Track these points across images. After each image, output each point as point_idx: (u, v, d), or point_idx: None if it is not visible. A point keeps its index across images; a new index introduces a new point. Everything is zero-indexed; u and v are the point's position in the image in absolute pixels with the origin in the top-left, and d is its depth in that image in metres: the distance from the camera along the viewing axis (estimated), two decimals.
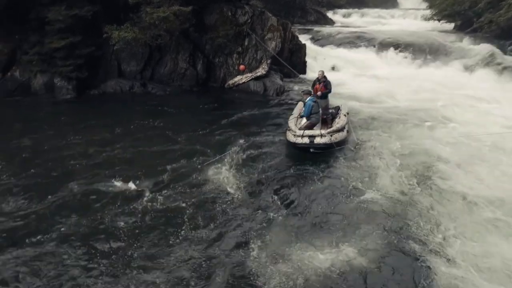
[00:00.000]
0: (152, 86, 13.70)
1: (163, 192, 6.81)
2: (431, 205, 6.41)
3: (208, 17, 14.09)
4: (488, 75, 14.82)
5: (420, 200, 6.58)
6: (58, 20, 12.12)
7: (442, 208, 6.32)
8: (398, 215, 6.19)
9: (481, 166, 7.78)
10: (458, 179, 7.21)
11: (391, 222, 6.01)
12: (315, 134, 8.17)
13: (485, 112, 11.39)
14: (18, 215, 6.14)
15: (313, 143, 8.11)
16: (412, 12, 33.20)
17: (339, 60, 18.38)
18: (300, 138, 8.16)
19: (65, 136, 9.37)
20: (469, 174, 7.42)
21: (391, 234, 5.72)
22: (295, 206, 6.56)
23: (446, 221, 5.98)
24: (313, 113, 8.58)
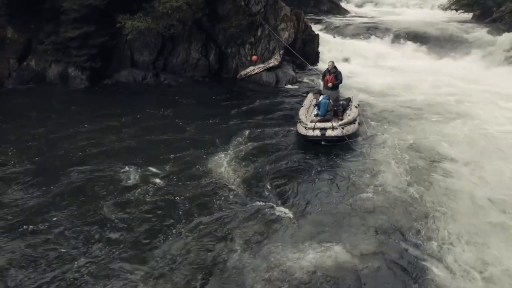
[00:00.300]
0: (164, 77, 13.73)
1: (168, 182, 6.90)
2: (434, 206, 6.21)
3: (221, 7, 13.96)
4: (509, 68, 14.39)
5: (423, 200, 6.38)
6: (73, 10, 12.18)
7: (445, 210, 6.10)
8: (398, 215, 6.01)
9: (491, 165, 7.52)
10: (465, 178, 7.02)
11: (390, 222, 5.84)
12: (326, 127, 8.10)
13: (502, 108, 10.97)
14: (17, 203, 6.27)
15: (324, 135, 8.04)
16: (429, 2, 32.27)
17: (353, 51, 18.04)
18: (311, 131, 8.09)
19: (77, 125, 9.57)
20: (477, 174, 7.19)
21: (388, 235, 5.57)
22: (298, 202, 6.41)
23: (447, 223, 5.79)
24: (328, 111, 8.59)
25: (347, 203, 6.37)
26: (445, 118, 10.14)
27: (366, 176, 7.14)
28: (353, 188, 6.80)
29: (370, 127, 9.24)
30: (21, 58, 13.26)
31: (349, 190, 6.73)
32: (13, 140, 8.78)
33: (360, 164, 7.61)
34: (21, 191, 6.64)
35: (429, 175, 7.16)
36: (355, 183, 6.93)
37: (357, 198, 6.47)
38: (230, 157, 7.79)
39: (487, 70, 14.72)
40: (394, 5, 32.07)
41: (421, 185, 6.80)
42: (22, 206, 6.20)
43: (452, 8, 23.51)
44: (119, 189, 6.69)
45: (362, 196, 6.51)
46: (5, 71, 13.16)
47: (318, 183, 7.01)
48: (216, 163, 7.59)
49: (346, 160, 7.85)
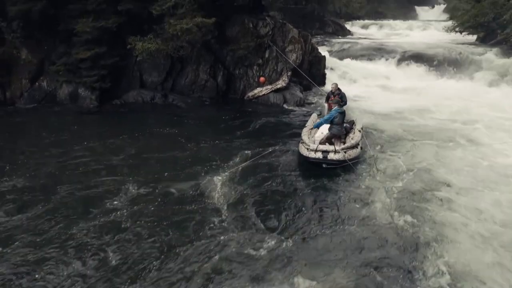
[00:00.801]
0: (172, 97, 13.86)
1: (160, 204, 6.83)
2: (427, 240, 5.81)
3: (230, 29, 14.23)
4: None
5: (415, 233, 5.99)
6: (86, 32, 12.48)
7: (437, 245, 5.69)
8: (389, 247, 5.68)
9: (490, 196, 7.13)
10: (463, 209, 6.59)
11: (381, 256, 5.49)
12: (329, 150, 7.96)
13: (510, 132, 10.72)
14: (19, 223, 6.26)
15: (326, 158, 7.87)
16: (432, 24, 32.79)
17: (359, 72, 18.20)
18: (313, 153, 7.94)
19: (84, 145, 9.68)
20: (475, 205, 6.78)
21: (376, 268, 5.24)
22: (289, 230, 6.15)
23: (438, 260, 5.39)
24: (334, 124, 8.40)
25: (340, 233, 6.01)
26: (449, 143, 9.77)
27: (361, 204, 6.76)
28: (347, 216, 6.45)
29: (372, 150, 8.94)
30: (33, 79, 13.52)
31: (343, 219, 6.40)
32: (23, 159, 8.84)
33: (358, 191, 7.34)
34: (19, 209, 6.69)
35: (426, 204, 6.78)
36: (351, 211, 6.66)
37: (351, 228, 6.12)
38: (228, 179, 7.68)
39: (495, 92, 14.65)
40: (398, 27, 32.54)
41: (416, 216, 6.36)
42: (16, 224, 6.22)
43: (456, 30, 23.74)
44: (107, 209, 6.63)
45: (355, 226, 6.17)
46: (17, 91, 13.39)
47: (313, 209, 6.74)
48: (213, 184, 7.47)
49: (344, 186, 7.55)
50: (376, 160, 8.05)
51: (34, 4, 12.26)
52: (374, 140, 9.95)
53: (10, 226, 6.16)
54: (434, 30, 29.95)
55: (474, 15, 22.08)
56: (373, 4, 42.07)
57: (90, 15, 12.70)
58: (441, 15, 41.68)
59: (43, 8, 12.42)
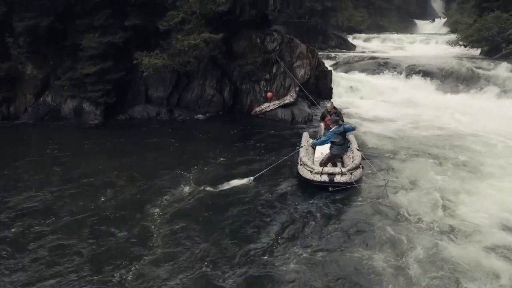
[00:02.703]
0: (178, 112, 13.67)
1: (171, 219, 6.65)
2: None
3: (237, 44, 14.13)
4: None
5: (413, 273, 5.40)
6: (92, 47, 12.36)
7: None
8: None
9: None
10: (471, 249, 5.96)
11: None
12: (335, 172, 7.59)
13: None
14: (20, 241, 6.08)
15: (333, 181, 7.48)
16: (434, 37, 32.89)
17: (365, 87, 18.09)
18: (318, 176, 7.53)
19: (87, 162, 9.47)
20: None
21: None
22: (285, 258, 5.69)
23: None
24: (335, 144, 8.04)
25: (322, 268, 5.55)
26: (449, 161, 9.40)
27: (363, 233, 6.35)
28: (345, 247, 6.00)
29: (373, 171, 8.47)
30: (38, 94, 13.35)
31: (341, 250, 5.95)
32: (25, 176, 8.60)
33: (360, 217, 6.86)
34: (20, 226, 6.47)
35: (431, 237, 6.20)
36: (350, 240, 6.19)
37: (347, 261, 5.68)
38: (232, 199, 7.45)
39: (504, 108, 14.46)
40: (401, 40, 32.64)
41: (416, 255, 5.76)
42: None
43: (460, 44, 23.76)
44: (110, 230, 6.42)
45: (353, 258, 5.72)
46: (21, 106, 13.21)
47: (312, 236, 6.29)
48: (215, 204, 7.27)
49: (353, 213, 7.07)
50: (387, 184, 7.50)
51: (41, 19, 12.17)
52: (377, 160, 9.51)
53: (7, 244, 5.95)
54: (436, 43, 30.03)
55: (478, 29, 22.13)
56: (374, 18, 42.48)
57: (97, 30, 12.61)
58: (441, 28, 41.96)
59: (50, 23, 12.33)
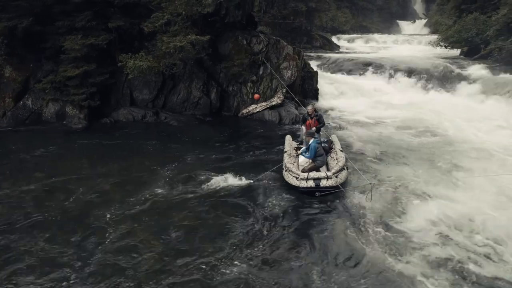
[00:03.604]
0: (165, 115, 13.46)
1: (155, 223, 6.58)
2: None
3: (223, 46, 14.04)
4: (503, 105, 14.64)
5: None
6: (74, 49, 12.04)
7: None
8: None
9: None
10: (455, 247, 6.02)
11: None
12: (321, 177, 7.49)
13: (497, 147, 10.49)
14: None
15: (319, 186, 7.39)
16: (416, 38, 33.60)
17: (349, 86, 18.29)
18: (304, 182, 7.45)
19: (72, 168, 9.17)
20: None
21: None
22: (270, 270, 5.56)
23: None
24: (318, 156, 8.01)
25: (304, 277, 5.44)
26: (438, 162, 9.44)
27: (348, 242, 6.21)
28: (342, 255, 5.89)
29: (358, 172, 8.42)
30: (17, 97, 12.91)
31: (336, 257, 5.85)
32: (5, 183, 8.30)
33: (345, 222, 6.74)
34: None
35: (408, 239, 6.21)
36: (336, 249, 6.04)
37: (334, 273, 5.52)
38: (219, 203, 7.38)
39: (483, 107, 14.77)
40: (384, 41, 33.19)
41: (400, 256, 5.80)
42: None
43: (441, 45, 24.34)
44: (94, 237, 6.29)
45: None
46: (0, 110, 12.73)
47: (296, 248, 6.06)
48: (202, 208, 7.18)
49: (340, 217, 6.98)
50: (372, 188, 7.41)
51: (19, 21, 11.80)
52: (362, 161, 9.53)
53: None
54: (417, 44, 30.66)
55: (457, 30, 22.74)
56: (357, 19, 43.09)
57: (78, 32, 12.30)
58: (423, 29, 42.94)
59: (29, 25, 11.96)
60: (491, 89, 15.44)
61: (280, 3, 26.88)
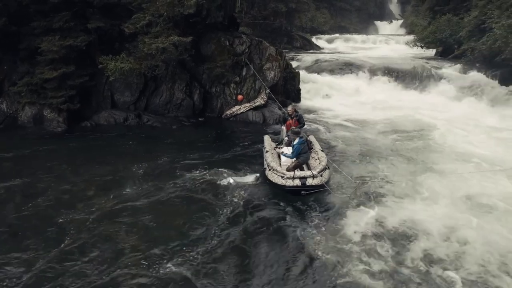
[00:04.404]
0: (147, 118, 13.27)
1: (139, 230, 6.52)
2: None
3: (205, 47, 13.96)
4: (477, 104, 15.27)
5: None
6: (52, 51, 11.69)
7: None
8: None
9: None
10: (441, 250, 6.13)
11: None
12: (306, 175, 7.52)
13: (473, 144, 10.95)
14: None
15: (305, 185, 7.41)
16: (393, 38, 34.44)
17: (330, 86, 18.54)
18: (290, 181, 7.45)
19: (50, 174, 8.93)
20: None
21: None
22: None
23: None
24: (301, 153, 8.12)
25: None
26: (418, 160, 9.72)
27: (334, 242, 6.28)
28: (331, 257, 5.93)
29: (338, 171, 8.68)
30: None
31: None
32: None
33: (329, 223, 6.85)
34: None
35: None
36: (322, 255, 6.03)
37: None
38: (202, 206, 7.36)
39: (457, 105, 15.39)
40: (362, 41, 33.84)
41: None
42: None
43: (417, 45, 25.08)
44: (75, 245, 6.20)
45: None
46: None
47: (279, 255, 6.00)
48: (186, 212, 7.14)
49: (328, 216, 7.09)
50: (358, 187, 7.61)
51: None
52: (343, 161, 9.71)
53: None
54: (395, 43, 31.45)
55: (432, 31, 23.48)
56: (336, 19, 43.76)
57: (56, 33, 11.95)
58: (399, 29, 44.08)
59: (3, 25, 11.51)
60: (465, 88, 16.05)
61: (260, 3, 26.98)
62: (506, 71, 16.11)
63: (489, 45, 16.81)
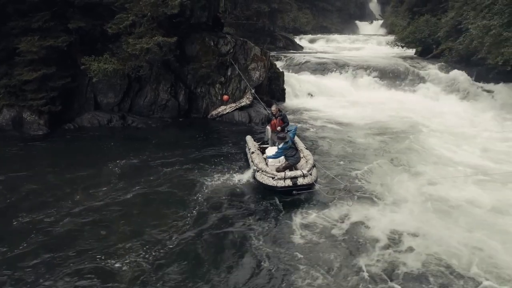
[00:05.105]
0: (132, 119, 13.09)
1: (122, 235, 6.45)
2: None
3: (189, 47, 13.88)
4: (455, 102, 15.80)
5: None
6: (31, 51, 11.37)
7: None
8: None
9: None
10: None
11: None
12: (297, 175, 7.59)
13: (450, 144, 11.11)
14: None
15: (296, 185, 7.49)
16: (374, 38, 35.07)
17: (314, 86, 18.72)
18: (282, 181, 7.51)
19: (32, 178, 8.69)
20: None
21: None
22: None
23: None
24: (288, 156, 8.14)
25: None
26: (394, 161, 9.79)
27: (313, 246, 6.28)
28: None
29: (322, 170, 8.80)
30: None
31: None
32: None
33: (316, 225, 6.86)
34: None
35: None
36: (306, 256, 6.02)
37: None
38: (188, 208, 7.32)
39: (438, 104, 15.86)
40: (344, 41, 34.32)
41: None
42: None
43: (398, 45, 25.67)
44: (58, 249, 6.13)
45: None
46: None
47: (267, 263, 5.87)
48: (170, 215, 7.09)
49: (308, 218, 7.09)
50: (348, 188, 7.64)
51: None
52: (330, 161, 9.81)
53: None
54: (377, 44, 32.04)
55: (412, 32, 24.07)
56: (318, 19, 44.21)
57: (35, 33, 11.62)
58: (380, 29, 44.92)
59: None
60: (443, 87, 16.54)
61: (243, 4, 26.90)
62: (482, 70, 16.73)
63: (466, 45, 17.39)
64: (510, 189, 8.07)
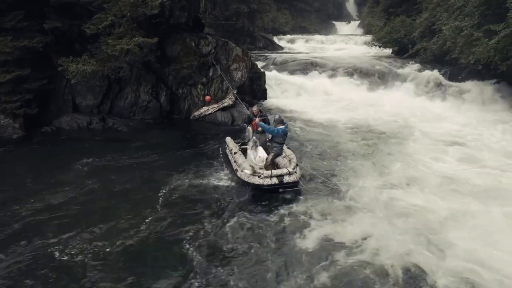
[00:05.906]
0: (112, 121, 12.84)
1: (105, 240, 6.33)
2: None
3: (170, 48, 13.74)
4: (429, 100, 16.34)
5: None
6: (4, 52, 10.98)
7: None
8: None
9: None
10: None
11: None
12: (283, 173, 7.69)
13: (435, 141, 11.40)
14: None
15: (282, 182, 7.58)
16: (352, 38, 35.75)
17: (295, 86, 18.89)
18: (268, 179, 7.55)
19: (7, 184, 8.39)
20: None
21: None
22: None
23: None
24: (278, 143, 8.16)
25: None
26: (376, 159, 9.92)
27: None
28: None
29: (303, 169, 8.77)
30: None
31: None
32: None
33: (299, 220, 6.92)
34: None
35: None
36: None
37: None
38: (171, 212, 7.20)
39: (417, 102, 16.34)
40: (323, 41, 34.80)
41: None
42: None
43: (375, 45, 26.30)
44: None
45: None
46: None
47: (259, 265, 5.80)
48: (153, 218, 6.97)
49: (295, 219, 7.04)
50: (333, 187, 7.81)
51: None
52: (315, 160, 9.90)
53: None
54: (354, 44, 32.68)
55: (389, 32, 24.72)
56: (297, 20, 44.65)
57: (8, 33, 11.22)
58: (357, 29, 45.83)
59: None
60: (420, 85, 17.09)
61: (222, 4, 26.86)
62: (455, 69, 17.39)
63: (440, 45, 18.03)
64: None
